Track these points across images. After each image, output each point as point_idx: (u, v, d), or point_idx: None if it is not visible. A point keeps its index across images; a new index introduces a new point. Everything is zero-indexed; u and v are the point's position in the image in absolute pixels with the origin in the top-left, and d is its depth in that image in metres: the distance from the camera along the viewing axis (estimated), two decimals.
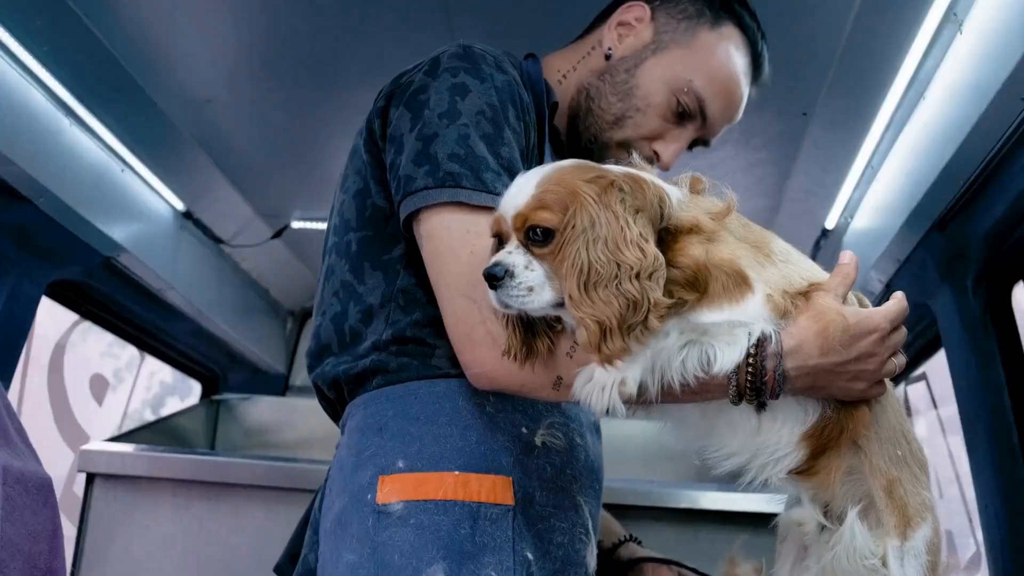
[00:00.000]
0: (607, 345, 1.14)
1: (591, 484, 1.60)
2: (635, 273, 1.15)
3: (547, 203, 1.21)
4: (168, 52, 2.47)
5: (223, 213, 3.42)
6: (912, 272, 2.60)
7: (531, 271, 1.22)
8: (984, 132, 1.97)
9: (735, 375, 1.26)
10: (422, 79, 1.50)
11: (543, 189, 1.23)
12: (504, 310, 1.25)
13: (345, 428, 1.54)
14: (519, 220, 1.23)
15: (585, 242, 1.16)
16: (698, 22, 1.73)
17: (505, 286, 1.21)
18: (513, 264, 1.22)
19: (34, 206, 2.49)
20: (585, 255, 1.16)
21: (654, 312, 1.16)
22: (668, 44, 1.72)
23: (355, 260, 1.55)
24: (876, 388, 1.36)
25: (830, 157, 2.77)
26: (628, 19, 1.76)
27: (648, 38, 1.73)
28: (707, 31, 1.73)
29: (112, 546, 2.62)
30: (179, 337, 3.74)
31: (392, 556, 1.32)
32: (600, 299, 1.14)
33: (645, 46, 1.73)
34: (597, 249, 1.16)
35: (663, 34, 1.73)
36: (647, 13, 1.75)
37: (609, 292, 1.14)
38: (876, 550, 1.37)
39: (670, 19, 1.74)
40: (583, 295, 1.15)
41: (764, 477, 1.38)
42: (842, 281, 1.35)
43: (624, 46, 1.74)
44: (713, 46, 1.72)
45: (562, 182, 1.23)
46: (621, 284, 1.14)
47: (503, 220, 1.26)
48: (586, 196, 1.19)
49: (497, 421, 1.46)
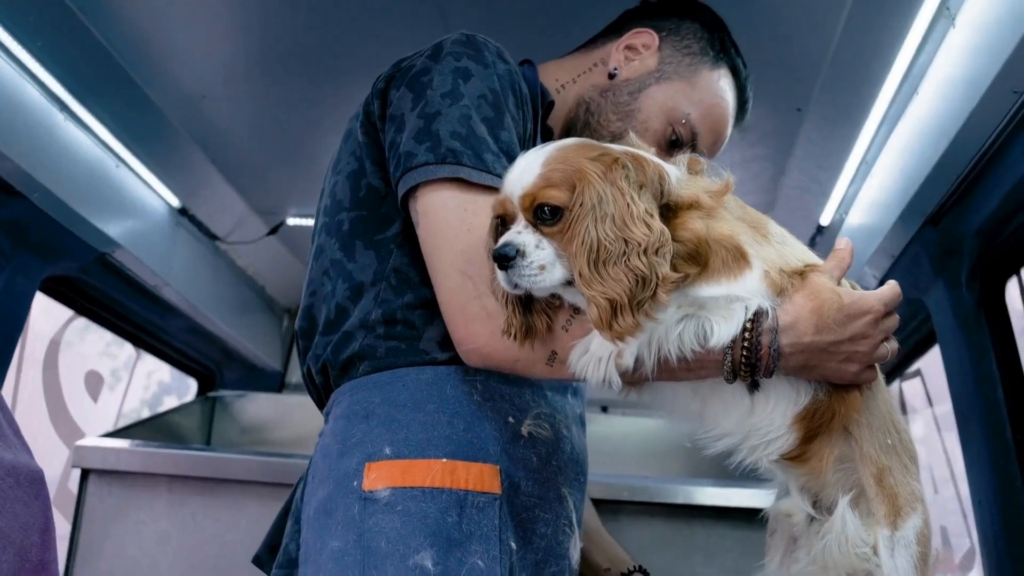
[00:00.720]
0: (618, 322, 1.16)
1: (576, 476, 1.60)
2: (643, 249, 1.17)
3: (555, 181, 1.22)
4: (163, 48, 2.47)
5: (218, 209, 3.42)
6: (906, 267, 2.61)
7: (541, 250, 1.23)
8: (976, 126, 1.98)
9: (731, 350, 1.27)
10: (425, 62, 1.53)
11: (549, 168, 1.24)
12: (513, 291, 1.26)
13: (330, 416, 1.54)
14: (527, 199, 1.24)
15: (594, 219, 1.18)
16: (700, 60, 1.81)
17: (516, 266, 1.22)
18: (524, 244, 1.22)
19: (28, 201, 2.49)
20: (594, 232, 1.17)
21: (662, 287, 1.18)
22: (671, 75, 1.80)
23: (346, 239, 1.55)
24: (868, 372, 1.37)
25: (825, 153, 2.78)
26: (636, 44, 1.82)
27: (653, 66, 1.80)
28: (708, 70, 1.81)
29: (106, 542, 2.61)
30: (175, 334, 3.74)
31: (379, 543, 1.32)
32: (610, 276, 1.16)
33: (649, 73, 1.80)
34: (605, 226, 1.17)
35: (667, 65, 1.80)
36: (655, 42, 1.82)
37: (619, 269, 1.16)
38: (868, 539, 1.37)
39: (675, 52, 1.81)
40: (593, 272, 1.16)
41: (755, 459, 1.39)
42: (837, 264, 1.38)
43: (629, 69, 1.80)
44: (712, 85, 1.81)
45: (567, 160, 1.24)
46: (630, 260, 1.16)
47: (508, 201, 1.26)
48: (592, 174, 1.21)
49: (484, 410, 1.46)
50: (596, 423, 3.64)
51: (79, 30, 2.33)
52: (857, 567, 1.36)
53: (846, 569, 1.36)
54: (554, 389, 1.60)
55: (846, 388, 1.37)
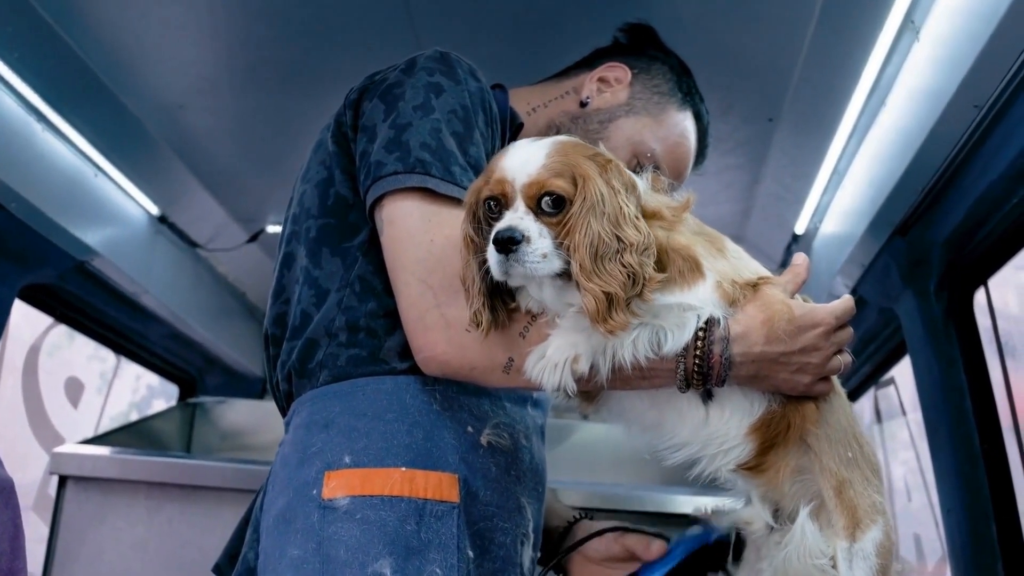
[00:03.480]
0: (613, 317, 1.19)
1: (535, 487, 1.62)
2: (634, 248, 1.21)
3: (560, 173, 1.25)
4: (139, 57, 2.49)
5: (198, 217, 3.44)
6: (876, 277, 2.63)
7: (543, 238, 1.24)
8: (940, 138, 2.01)
9: (683, 358, 1.30)
10: (398, 76, 1.56)
11: (553, 159, 1.27)
12: (502, 277, 1.27)
13: (290, 425, 1.56)
14: (534, 187, 1.26)
15: (595, 215, 1.21)
16: (669, 100, 1.89)
17: (520, 252, 1.23)
18: (528, 230, 1.24)
19: (6, 211, 2.50)
20: (596, 228, 1.21)
21: (648, 286, 1.22)
22: (640, 111, 1.86)
23: (313, 246, 1.57)
24: (821, 385, 1.39)
25: (797, 162, 2.81)
26: (609, 77, 1.88)
27: (623, 99, 1.87)
28: (675, 110, 1.89)
29: (84, 548, 2.62)
30: (155, 340, 3.76)
31: (338, 551, 1.34)
32: (607, 272, 1.19)
33: (619, 105, 1.86)
34: (604, 223, 1.21)
35: (636, 100, 1.87)
36: (627, 77, 1.88)
37: (614, 265, 1.20)
38: (827, 550, 1.39)
39: (645, 89, 1.88)
40: (594, 267, 1.19)
41: (714, 468, 1.41)
42: (792, 279, 1.41)
43: (600, 99, 1.86)
44: (677, 124, 1.89)
45: (568, 154, 1.28)
46: (623, 257, 1.20)
47: (509, 185, 1.27)
48: (591, 172, 1.24)
49: (444, 419, 1.48)
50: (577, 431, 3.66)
51: (54, 40, 2.34)
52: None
53: None
54: (513, 400, 1.62)
55: (800, 400, 1.40)
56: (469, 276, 1.33)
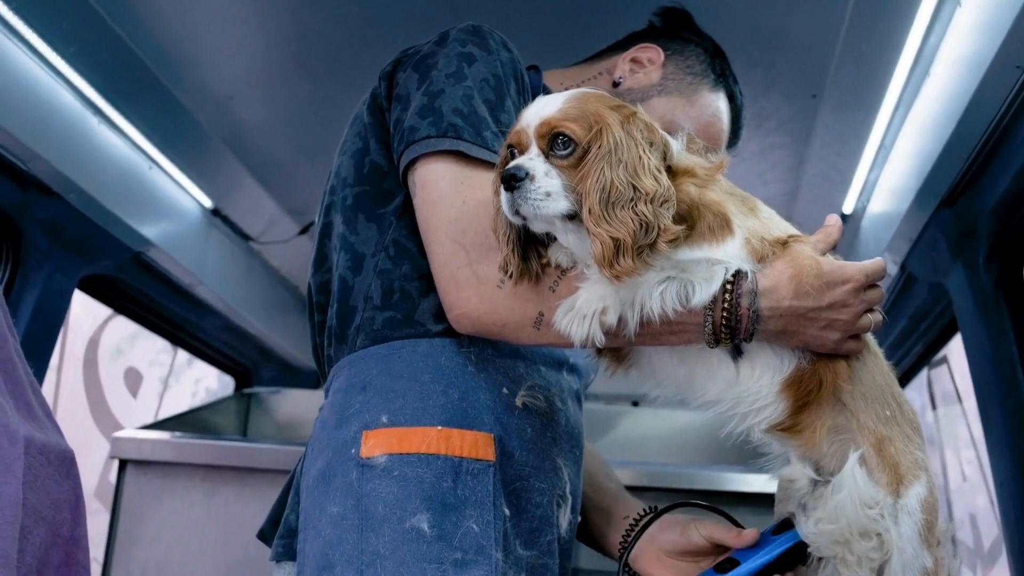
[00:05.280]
0: (619, 262, 1.20)
1: (571, 449, 1.64)
2: (650, 198, 1.22)
3: (573, 117, 1.28)
4: (189, 50, 2.56)
5: (250, 210, 3.51)
6: (924, 251, 2.60)
7: (550, 178, 1.27)
8: (984, 103, 1.98)
9: (711, 312, 1.31)
10: (431, 47, 1.61)
11: (569, 105, 1.30)
12: (513, 217, 1.30)
13: (329, 390, 1.60)
14: (544, 127, 1.29)
15: (609, 162, 1.23)
16: (702, 80, 1.89)
17: (523, 188, 1.26)
18: (533, 168, 1.27)
19: (65, 202, 2.59)
20: (609, 175, 1.22)
21: (663, 236, 1.23)
22: (672, 91, 1.87)
23: (349, 213, 1.61)
24: (852, 343, 1.39)
25: (843, 139, 2.79)
26: (642, 58, 1.89)
27: (656, 79, 1.87)
28: (708, 91, 1.89)
29: (143, 530, 2.70)
30: (211, 332, 3.84)
31: (376, 507, 1.37)
32: (617, 218, 1.21)
33: (652, 85, 1.87)
34: (619, 171, 1.22)
35: (669, 80, 1.87)
36: (660, 58, 1.89)
37: (626, 212, 1.21)
38: (878, 498, 1.37)
39: (678, 70, 1.89)
40: (603, 212, 1.21)
41: (746, 427, 1.41)
42: (823, 239, 1.41)
43: (633, 79, 1.87)
44: (709, 104, 1.89)
45: (588, 103, 1.31)
46: (637, 206, 1.21)
47: (523, 132, 1.31)
48: (611, 120, 1.27)
49: (479, 380, 1.50)
50: (627, 417, 3.68)
51: (108, 35, 2.42)
52: (869, 528, 1.36)
53: (859, 528, 1.36)
54: (549, 364, 1.64)
55: (832, 358, 1.39)
56: (499, 225, 1.36)
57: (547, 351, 1.64)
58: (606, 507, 1.82)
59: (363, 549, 1.35)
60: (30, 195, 2.54)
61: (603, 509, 1.82)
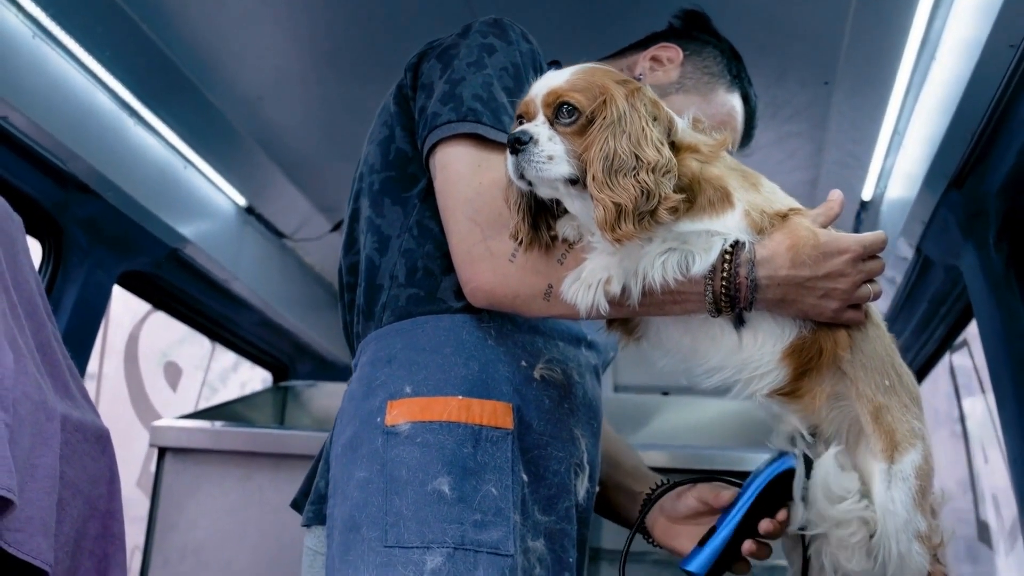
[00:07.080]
0: (620, 226, 1.27)
1: (588, 421, 1.70)
2: (652, 167, 1.28)
3: (579, 87, 1.35)
4: (219, 51, 2.65)
5: (283, 208, 3.61)
6: (937, 234, 2.63)
7: (553, 143, 1.34)
8: (982, 83, 2.01)
9: (711, 280, 1.37)
10: (454, 39, 1.70)
11: (576, 77, 1.37)
12: (517, 181, 1.37)
13: (357, 364, 1.68)
14: (551, 96, 1.36)
15: (613, 133, 1.30)
16: (718, 80, 1.95)
17: (527, 151, 1.33)
18: (538, 133, 1.34)
19: (103, 200, 2.70)
20: (612, 144, 1.29)
21: (663, 204, 1.29)
22: (690, 89, 1.92)
23: (376, 198, 1.70)
24: (851, 313, 1.44)
25: (858, 126, 2.82)
26: (661, 56, 1.95)
27: (674, 78, 1.93)
28: (723, 91, 1.95)
29: (181, 517, 2.78)
30: (247, 328, 3.95)
31: (400, 471, 1.44)
32: (620, 184, 1.27)
33: (671, 83, 1.92)
34: (622, 141, 1.29)
35: (687, 79, 1.93)
36: (679, 57, 1.95)
37: (628, 180, 1.27)
38: (851, 488, 1.43)
39: (696, 69, 1.94)
40: (606, 178, 1.28)
41: (749, 392, 1.47)
42: (824, 212, 1.46)
43: (653, 77, 1.93)
44: (725, 103, 1.95)
45: (594, 75, 1.38)
46: (639, 174, 1.28)
47: (531, 102, 1.38)
48: (616, 93, 1.34)
49: (498, 353, 1.58)
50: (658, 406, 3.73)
51: (142, 39, 2.52)
52: (842, 519, 1.43)
53: (833, 521, 1.44)
54: (566, 339, 1.71)
55: (832, 327, 1.44)
56: (511, 195, 1.43)
57: (565, 327, 1.71)
58: (627, 486, 1.91)
59: (387, 510, 1.42)
60: (70, 194, 2.65)
61: (625, 488, 1.91)
